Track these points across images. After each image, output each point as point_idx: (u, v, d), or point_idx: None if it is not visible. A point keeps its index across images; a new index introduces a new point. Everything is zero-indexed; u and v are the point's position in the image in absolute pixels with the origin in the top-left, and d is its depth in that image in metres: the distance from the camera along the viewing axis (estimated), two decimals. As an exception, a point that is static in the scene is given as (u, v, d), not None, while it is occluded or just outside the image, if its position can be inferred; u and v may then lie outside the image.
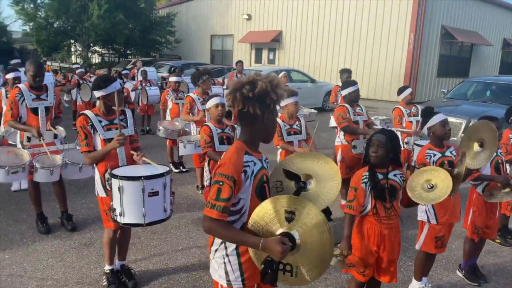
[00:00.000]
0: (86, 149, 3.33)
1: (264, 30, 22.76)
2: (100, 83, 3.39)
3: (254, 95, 1.91)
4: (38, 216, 4.73)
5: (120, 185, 2.97)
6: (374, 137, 2.87)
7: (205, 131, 4.16)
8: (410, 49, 17.31)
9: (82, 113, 3.40)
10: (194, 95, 6.13)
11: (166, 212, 3.13)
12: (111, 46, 26.90)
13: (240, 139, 2.08)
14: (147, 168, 3.29)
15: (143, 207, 2.97)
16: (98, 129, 3.35)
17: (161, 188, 3.04)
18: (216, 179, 1.92)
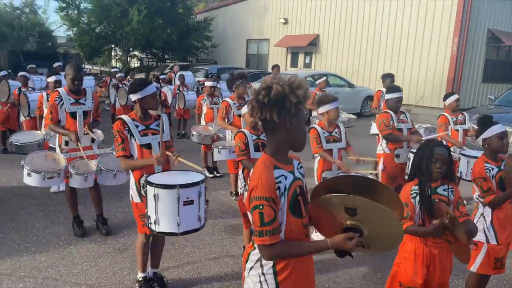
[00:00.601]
0: (122, 153, 3.29)
1: (300, 34, 22.55)
2: (136, 86, 3.34)
3: (270, 100, 1.78)
4: (74, 219, 4.76)
5: (155, 192, 2.90)
6: (438, 152, 2.64)
7: (240, 137, 4.03)
8: (453, 53, 16.60)
9: (119, 117, 3.37)
10: (230, 100, 6.05)
11: (200, 221, 3.03)
12: (150, 51, 27.45)
13: (267, 151, 1.93)
14: (183, 175, 3.22)
15: (177, 215, 2.89)
16: (134, 134, 3.30)
17: (196, 197, 2.95)
18: (254, 205, 1.78)
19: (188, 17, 25.86)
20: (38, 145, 5.29)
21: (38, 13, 34.66)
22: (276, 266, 1.91)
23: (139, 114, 3.40)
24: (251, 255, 1.99)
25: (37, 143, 5.29)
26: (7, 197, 5.75)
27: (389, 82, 7.90)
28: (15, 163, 7.34)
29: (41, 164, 4.23)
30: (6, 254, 4.16)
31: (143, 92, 3.30)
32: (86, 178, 4.24)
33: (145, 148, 3.34)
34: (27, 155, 4.33)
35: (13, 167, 7.19)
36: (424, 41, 17.47)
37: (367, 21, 19.48)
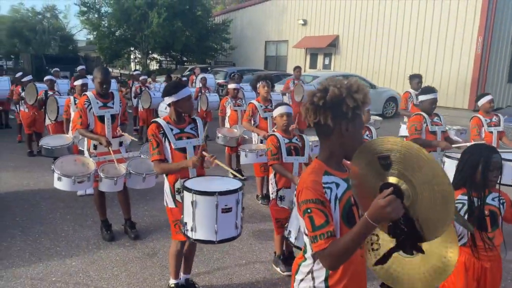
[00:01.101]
0: (158, 157, 3.23)
1: (320, 35, 22.38)
2: (171, 89, 3.29)
3: (325, 103, 1.69)
4: (102, 223, 4.74)
5: (193, 199, 2.83)
6: (495, 159, 2.49)
7: (272, 141, 3.93)
8: (478, 53, 16.22)
9: (154, 121, 3.31)
10: (256, 102, 5.98)
11: (237, 229, 2.96)
12: (169, 53, 27.65)
13: (319, 156, 1.84)
14: (219, 181, 3.15)
15: (215, 223, 2.82)
16: (169, 137, 3.24)
17: (234, 205, 2.88)
18: (303, 210, 1.69)
19: (206, 19, 25.98)
20: (68, 149, 5.30)
21: (59, 17, 35.38)
22: (329, 280, 1.81)
23: (173, 118, 3.35)
24: (302, 267, 1.89)
25: (67, 146, 5.31)
26: (35, 201, 5.78)
27: (417, 83, 7.71)
28: (42, 166, 7.43)
29: (70, 168, 4.22)
30: (38, 258, 4.16)
31: (178, 94, 3.25)
32: (116, 181, 4.21)
33: (180, 152, 3.27)
34: (56, 160, 4.33)
35: (40, 170, 7.26)
36: (447, 41, 17.13)
37: (387, 21, 19.22)
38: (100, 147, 4.44)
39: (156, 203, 5.78)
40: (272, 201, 3.92)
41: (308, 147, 3.99)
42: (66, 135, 5.78)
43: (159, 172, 3.34)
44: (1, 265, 4.02)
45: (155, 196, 5.96)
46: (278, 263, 4.04)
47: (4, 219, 5.12)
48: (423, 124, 4.87)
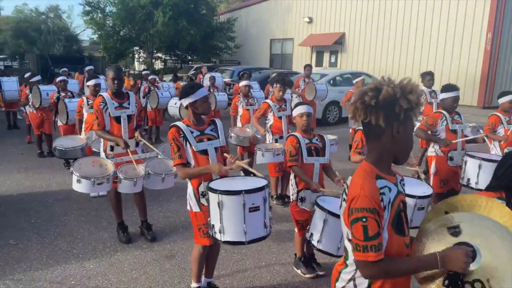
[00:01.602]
0: (180, 161, 3.17)
1: (326, 33, 22.26)
2: (188, 89, 3.23)
3: (378, 103, 1.63)
4: (119, 225, 4.69)
5: (219, 200, 2.77)
6: None
7: (292, 141, 3.84)
8: (487, 49, 16.07)
9: (174, 124, 3.25)
10: (271, 101, 5.92)
11: (266, 229, 2.90)
12: (174, 52, 27.59)
13: (367, 159, 1.76)
14: (243, 180, 3.10)
15: (244, 223, 2.75)
16: (190, 140, 3.18)
17: (261, 203, 2.82)
18: (356, 216, 1.62)
19: (211, 18, 25.90)
20: (81, 150, 5.25)
21: (62, 17, 35.40)
22: (372, 286, 1.75)
23: (192, 120, 3.28)
24: (343, 274, 1.83)
25: (80, 148, 5.25)
26: (49, 202, 5.74)
27: (428, 81, 7.62)
28: (52, 166, 7.40)
29: (89, 170, 4.17)
30: (55, 262, 4.11)
31: (195, 95, 3.18)
32: (136, 182, 4.15)
33: (202, 154, 3.21)
34: (74, 162, 4.27)
35: (51, 171, 7.23)
36: (455, 37, 16.99)
37: (394, 17, 19.08)
38: (117, 148, 4.38)
39: (169, 204, 5.73)
40: (292, 203, 3.85)
41: (329, 147, 3.91)
42: (79, 136, 5.73)
43: (183, 177, 3.26)
44: (20, 268, 3.98)
45: (169, 197, 5.92)
46: (299, 265, 3.97)
47: (20, 221, 5.08)
48: (442, 122, 4.79)
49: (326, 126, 12.08)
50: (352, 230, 1.65)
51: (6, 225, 4.95)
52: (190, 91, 3.21)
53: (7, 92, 9.40)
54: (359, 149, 4.18)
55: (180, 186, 4.45)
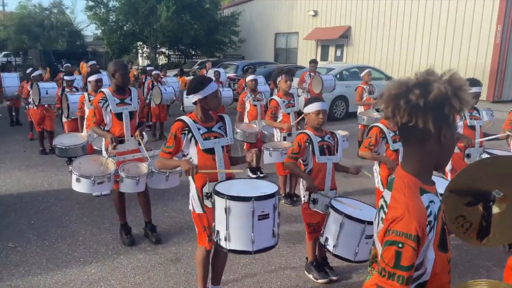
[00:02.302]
0: (166, 155, 3.04)
1: (331, 26, 21.94)
2: (197, 84, 3.02)
3: (426, 103, 1.36)
4: (122, 227, 4.51)
5: (226, 205, 2.57)
6: None
7: (302, 139, 3.58)
8: (497, 42, 15.72)
9: (180, 119, 3.05)
10: (278, 98, 5.68)
11: (275, 238, 2.69)
12: (177, 47, 27.37)
13: (406, 168, 1.49)
14: (252, 184, 2.88)
15: (252, 232, 2.55)
16: (197, 137, 2.98)
17: (271, 210, 2.62)
18: (393, 239, 1.37)
19: (215, 12, 25.62)
20: (82, 148, 5.08)
21: (66, 13, 35.18)
22: None
23: (200, 116, 3.08)
24: None
25: (81, 146, 5.07)
26: (50, 202, 5.57)
27: None
28: (55, 164, 7.23)
29: (89, 169, 3.98)
30: (55, 266, 3.93)
31: (205, 91, 2.98)
32: (138, 181, 3.96)
33: (207, 153, 3.01)
34: (74, 161, 4.08)
35: (53, 168, 7.06)
36: (464, 30, 16.64)
37: (402, 10, 18.74)
38: (120, 146, 4.19)
39: (174, 204, 5.54)
40: (304, 205, 3.63)
41: (342, 145, 3.69)
42: (80, 134, 5.54)
43: (159, 166, 3.22)
44: (18, 273, 3.80)
45: (173, 196, 5.73)
46: (310, 270, 3.77)
47: (19, 222, 4.91)
48: (460, 118, 4.57)
49: (333, 121, 11.83)
50: (383, 251, 1.41)
51: (5, 226, 4.78)
52: (199, 87, 3.00)
53: (7, 88, 9.21)
54: (371, 146, 3.96)
55: (185, 184, 4.20)
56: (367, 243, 3.16)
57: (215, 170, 2.99)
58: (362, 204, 3.56)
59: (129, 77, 4.30)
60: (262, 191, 2.65)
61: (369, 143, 3.96)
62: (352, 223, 3.08)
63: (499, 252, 4.20)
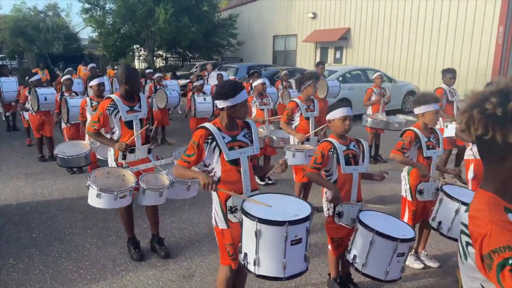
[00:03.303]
0: (185, 164, 2.81)
1: (330, 28, 21.78)
2: (228, 91, 2.78)
3: (506, 113, 1.19)
4: (129, 240, 4.26)
5: (257, 228, 2.33)
6: None
7: (325, 148, 3.33)
8: (499, 44, 15.60)
9: (204, 126, 2.82)
10: (299, 100, 5.44)
11: (306, 262, 2.46)
12: (175, 50, 27.12)
13: (486, 187, 1.32)
14: (282, 201, 2.66)
15: (284, 257, 2.32)
16: (222, 147, 2.74)
17: (304, 234, 2.40)
18: (497, 262, 1.14)
19: (212, 14, 25.44)
20: (85, 158, 4.82)
21: (61, 15, 34.87)
22: None
23: (225, 123, 2.85)
24: None
25: (84, 155, 4.82)
26: (52, 213, 5.31)
27: (449, 79, 7.09)
28: (54, 171, 6.97)
29: (106, 182, 3.70)
30: (60, 284, 3.68)
31: (237, 98, 2.74)
32: (161, 193, 3.70)
33: (232, 164, 2.78)
34: (90, 175, 3.78)
35: (52, 176, 6.80)
36: (465, 31, 16.53)
37: (402, 11, 18.61)
38: (130, 155, 3.95)
39: (182, 214, 5.30)
40: (328, 219, 3.40)
41: (368, 154, 3.47)
42: (83, 142, 5.27)
43: (177, 174, 2.99)
44: (20, 293, 3.55)
45: (180, 205, 5.49)
46: (334, 287, 3.55)
47: (21, 235, 4.65)
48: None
49: (337, 125, 11.63)
50: (500, 279, 1.14)
51: (5, 240, 4.52)
52: (230, 94, 2.76)
53: (6, 93, 8.92)
54: (405, 149, 3.74)
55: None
56: (399, 262, 2.95)
57: (236, 188, 2.77)
58: (390, 217, 3.34)
59: (140, 83, 4.06)
60: (294, 213, 2.41)
61: (403, 146, 3.74)
62: (383, 240, 2.87)
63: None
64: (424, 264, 4.00)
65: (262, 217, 2.35)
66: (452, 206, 3.48)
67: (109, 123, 3.99)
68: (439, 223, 3.60)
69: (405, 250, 2.94)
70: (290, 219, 2.33)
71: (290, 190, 5.65)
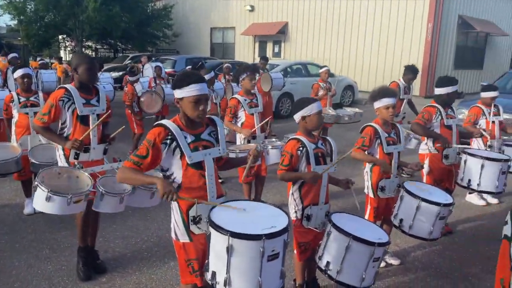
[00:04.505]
0: (134, 166, 2.37)
1: (268, 22, 21.71)
2: (177, 81, 2.43)
3: None
4: (80, 250, 3.65)
5: (229, 244, 2.01)
6: None
7: (293, 147, 3.05)
8: (428, 40, 16.44)
9: (161, 124, 2.42)
10: (239, 96, 5.13)
11: (282, 279, 2.19)
12: (105, 41, 25.63)
13: None
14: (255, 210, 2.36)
15: (259, 275, 2.03)
16: (183, 149, 2.37)
17: (281, 248, 2.13)
18: None
19: (146, 4, 24.35)
20: (16, 163, 4.15)
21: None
22: None
23: (184, 120, 2.47)
24: None
25: (15, 160, 4.13)
26: (-30, 226, 4.57)
27: (408, 79, 7.09)
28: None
29: (58, 184, 3.10)
30: (-16, 315, 3.10)
31: (190, 89, 2.37)
32: (122, 199, 3.16)
33: (195, 168, 2.42)
34: (38, 174, 3.16)
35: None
36: (398, 27, 17.24)
37: (337, 7, 18.99)
38: (83, 155, 3.41)
39: (126, 220, 4.80)
40: (296, 223, 3.15)
41: (336, 152, 3.26)
42: (12, 144, 4.53)
43: (120, 179, 2.49)
44: None
45: (124, 210, 4.96)
46: (300, 294, 3.32)
47: None
48: (437, 118, 4.38)
49: (279, 119, 11.52)
50: None
51: None
52: (177, 84, 2.40)
53: None
54: (365, 146, 3.60)
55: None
56: (374, 267, 2.79)
57: (199, 196, 2.41)
58: (360, 219, 3.18)
59: (96, 72, 3.52)
60: (270, 224, 2.12)
61: (363, 143, 3.59)
62: (360, 245, 2.67)
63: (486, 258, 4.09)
64: (386, 262, 3.92)
65: (235, 230, 2.04)
66: (413, 203, 3.45)
67: (61, 117, 3.42)
68: (400, 221, 3.55)
69: (380, 255, 2.79)
70: (267, 231, 2.04)
71: (240, 188, 5.36)
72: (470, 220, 5.13)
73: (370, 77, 18.20)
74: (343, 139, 8.43)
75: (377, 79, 17.91)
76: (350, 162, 5.66)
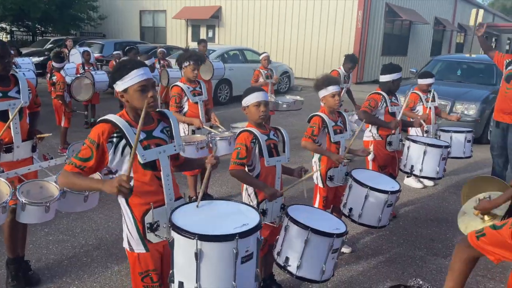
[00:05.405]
0: (76, 170, 2.06)
1: (201, 6, 21.13)
2: (114, 71, 2.15)
3: None
4: (10, 262, 3.23)
5: (197, 249, 1.80)
6: None
7: (247, 139, 2.87)
8: (358, 27, 16.95)
9: (106, 119, 2.11)
10: (182, 83, 4.83)
11: (257, 282, 2.04)
12: (22, 23, 23.44)
13: None
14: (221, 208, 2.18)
15: (233, 280, 1.86)
16: (133, 145, 2.09)
17: (255, 248, 1.96)
18: None
19: (68, -17, 22.51)
20: None
21: None
22: None
23: (133, 115, 2.19)
24: None
25: None
26: None
27: (349, 69, 7.13)
28: None
29: None
30: None
31: (131, 77, 2.09)
32: (48, 208, 2.74)
33: (148, 169, 2.15)
34: None
35: None
36: (329, 13, 17.56)
37: (271, -7, 18.92)
38: (6, 156, 2.94)
39: (59, 222, 4.36)
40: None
41: (289, 142, 3.14)
42: None
43: (64, 183, 2.17)
44: None
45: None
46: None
47: None
48: (382, 105, 4.44)
49: (218, 106, 11.28)
50: None
51: None
52: (120, 74, 2.11)
53: None
54: (314, 136, 3.54)
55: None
56: (333, 258, 2.73)
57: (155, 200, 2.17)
58: (315, 209, 3.11)
59: (9, 60, 3.02)
60: (241, 221, 1.95)
61: (312, 133, 3.52)
62: (319, 238, 2.60)
63: (430, 240, 4.23)
64: (337, 251, 3.92)
65: (203, 232, 1.84)
66: (362, 192, 3.45)
67: None
68: (350, 210, 3.55)
69: (339, 245, 2.73)
70: (239, 230, 1.87)
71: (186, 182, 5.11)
72: (410, 203, 5.34)
73: (304, 64, 18.47)
74: (282, 125, 8.41)
75: (311, 66, 18.24)
76: (296, 151, 5.63)
